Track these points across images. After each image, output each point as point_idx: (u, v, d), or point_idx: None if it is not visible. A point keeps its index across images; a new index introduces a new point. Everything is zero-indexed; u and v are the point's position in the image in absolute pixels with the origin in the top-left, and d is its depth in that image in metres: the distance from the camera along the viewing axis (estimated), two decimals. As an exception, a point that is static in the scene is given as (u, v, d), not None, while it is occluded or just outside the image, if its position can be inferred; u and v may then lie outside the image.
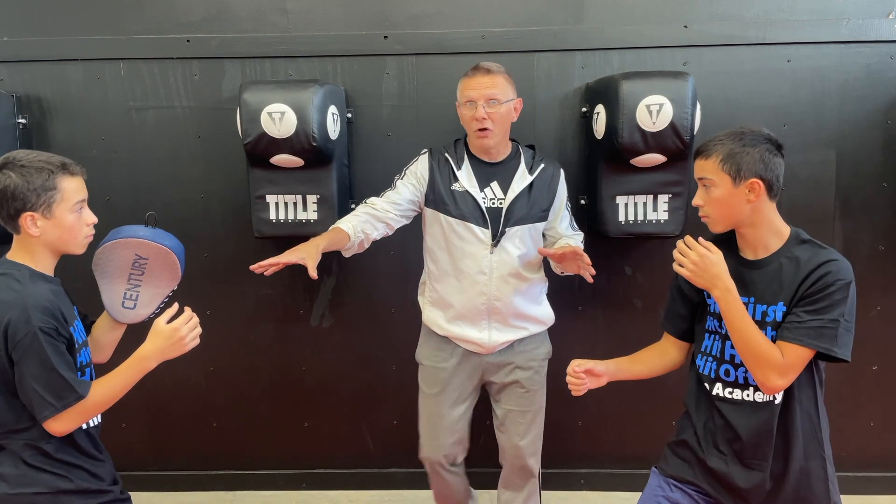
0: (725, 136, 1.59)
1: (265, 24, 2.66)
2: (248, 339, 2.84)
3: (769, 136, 1.60)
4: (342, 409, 2.90)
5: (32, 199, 1.51)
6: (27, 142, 2.71)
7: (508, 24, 2.63)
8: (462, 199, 2.13)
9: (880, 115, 2.64)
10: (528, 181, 2.14)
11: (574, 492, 2.90)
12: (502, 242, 2.11)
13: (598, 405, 2.82)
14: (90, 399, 1.53)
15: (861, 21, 2.58)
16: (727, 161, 1.56)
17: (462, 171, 2.16)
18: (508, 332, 2.18)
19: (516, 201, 2.13)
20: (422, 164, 2.21)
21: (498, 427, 2.31)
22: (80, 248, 1.63)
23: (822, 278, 1.51)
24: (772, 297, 1.58)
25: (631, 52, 2.62)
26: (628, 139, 2.32)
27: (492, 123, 2.07)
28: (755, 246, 1.63)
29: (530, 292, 2.19)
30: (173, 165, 2.73)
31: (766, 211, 1.59)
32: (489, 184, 2.15)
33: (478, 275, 2.12)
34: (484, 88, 2.06)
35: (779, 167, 1.58)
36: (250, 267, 1.91)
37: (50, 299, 1.52)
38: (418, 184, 2.19)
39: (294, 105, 2.35)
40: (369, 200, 2.21)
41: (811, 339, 1.51)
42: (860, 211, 2.69)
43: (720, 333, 1.67)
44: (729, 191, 1.56)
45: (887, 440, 2.82)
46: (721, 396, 1.66)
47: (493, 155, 2.17)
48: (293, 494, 2.93)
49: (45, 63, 2.69)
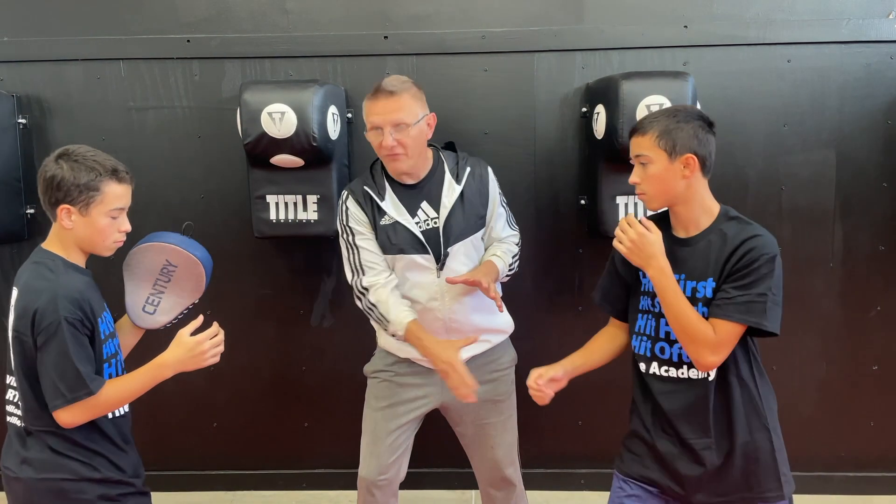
0: (660, 113, 1.63)
1: (265, 24, 2.66)
2: (248, 339, 2.84)
3: (701, 113, 1.64)
4: (342, 409, 2.89)
5: (74, 193, 1.55)
6: (27, 142, 2.71)
7: (508, 24, 2.63)
8: (394, 232, 1.99)
9: (880, 115, 2.64)
10: (457, 192, 2.01)
11: (574, 492, 2.89)
12: (448, 263, 1.99)
13: (598, 405, 2.82)
14: (101, 396, 1.55)
15: (861, 21, 2.58)
16: (663, 137, 1.59)
17: (386, 201, 2.01)
18: (471, 348, 2.03)
19: (451, 217, 2.00)
20: (354, 210, 2.04)
21: (467, 447, 2.22)
22: (106, 252, 1.66)
23: (748, 254, 1.54)
24: (701, 273, 1.60)
25: (631, 52, 2.62)
26: (628, 139, 2.32)
27: (402, 148, 1.92)
28: (687, 224, 1.66)
29: (486, 304, 2.02)
30: (173, 166, 2.73)
31: (699, 188, 1.62)
32: (419, 206, 2.01)
33: (430, 301, 2.01)
34: (388, 113, 1.89)
35: (711, 144, 1.62)
36: None
37: (80, 290, 1.56)
38: (366, 229, 2.03)
39: (294, 105, 2.35)
40: (370, 287, 2.02)
41: (741, 314, 1.53)
42: (860, 211, 2.68)
43: (653, 312, 1.69)
44: (665, 166, 1.59)
45: (887, 440, 2.82)
46: (658, 375, 1.68)
47: (413, 175, 2.02)
48: (293, 494, 2.93)
49: (45, 63, 2.69)
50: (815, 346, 2.75)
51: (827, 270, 2.70)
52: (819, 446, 2.76)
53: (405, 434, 2.16)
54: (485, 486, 2.27)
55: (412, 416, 2.14)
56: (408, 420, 2.14)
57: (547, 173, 2.72)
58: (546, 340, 2.67)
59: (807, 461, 2.63)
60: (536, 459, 2.76)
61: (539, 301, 2.76)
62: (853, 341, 2.74)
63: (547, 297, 2.76)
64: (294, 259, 2.79)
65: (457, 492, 2.88)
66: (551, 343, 2.51)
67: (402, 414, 2.13)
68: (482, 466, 2.22)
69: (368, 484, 2.16)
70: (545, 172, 2.72)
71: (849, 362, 2.76)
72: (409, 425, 2.16)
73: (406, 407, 2.13)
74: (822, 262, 2.70)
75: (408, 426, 2.15)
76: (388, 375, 2.15)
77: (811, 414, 2.77)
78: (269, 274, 2.80)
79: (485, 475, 2.23)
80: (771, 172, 2.64)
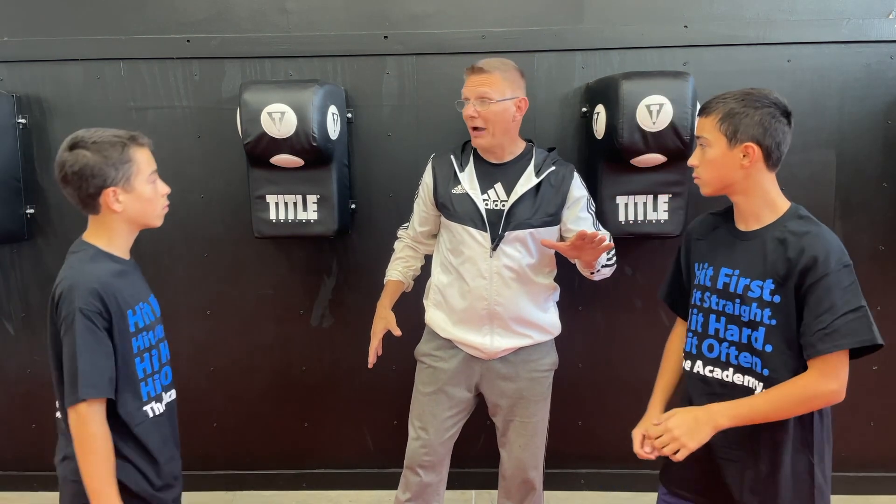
0: (730, 95, 1.50)
1: (265, 24, 2.66)
2: (248, 339, 2.84)
3: (777, 100, 1.50)
4: (342, 409, 2.90)
5: (112, 173, 1.51)
6: (27, 142, 2.71)
7: (508, 24, 2.63)
8: (461, 202, 2.08)
9: (880, 115, 2.64)
10: (533, 183, 2.06)
11: (574, 492, 2.90)
12: (502, 246, 2.04)
13: (598, 405, 2.82)
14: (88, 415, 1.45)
15: (861, 21, 2.58)
16: (725, 121, 1.48)
17: (465, 173, 2.11)
18: (511, 339, 2.11)
19: (519, 204, 2.05)
20: (427, 173, 2.21)
21: (499, 439, 2.26)
22: (158, 220, 1.64)
23: (814, 267, 1.42)
24: (757, 272, 1.50)
25: (631, 52, 2.62)
26: (628, 139, 2.32)
27: (483, 122, 2.01)
28: (747, 217, 1.56)
29: (535, 298, 2.12)
30: (173, 165, 2.73)
31: (762, 180, 1.52)
32: (493, 185, 2.09)
33: (477, 279, 2.06)
34: (476, 86, 2.01)
35: (781, 135, 1.49)
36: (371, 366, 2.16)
37: (102, 281, 1.50)
38: (427, 194, 2.19)
39: (294, 105, 2.35)
40: (401, 233, 2.31)
41: (847, 339, 1.42)
42: (860, 211, 2.68)
43: (702, 307, 1.61)
44: (723, 152, 1.49)
45: (887, 440, 2.82)
46: (701, 375, 1.59)
47: (498, 155, 2.11)
48: (293, 494, 2.93)
49: (45, 63, 2.69)
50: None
51: (827, 270, 2.70)
52: (819, 446, 2.76)
53: (452, 420, 2.21)
54: (507, 483, 2.27)
55: (457, 404, 2.20)
56: (453, 407, 2.20)
57: (547, 173, 2.72)
58: (546, 340, 2.67)
59: (807, 461, 2.63)
60: (536, 459, 2.76)
61: (539, 301, 2.76)
62: (853, 341, 2.74)
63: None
64: (294, 259, 2.79)
65: (457, 492, 2.88)
66: (551, 343, 2.51)
67: (447, 401, 2.18)
68: (508, 463, 2.25)
69: (413, 462, 2.22)
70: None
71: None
72: (456, 412, 2.21)
73: (451, 395, 2.18)
74: (822, 262, 2.70)
75: (455, 413, 2.21)
76: (431, 361, 2.21)
77: (811, 414, 2.77)
78: (269, 274, 2.80)
79: (509, 472, 2.25)
80: (771, 172, 2.64)
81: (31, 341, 2.84)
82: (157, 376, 1.63)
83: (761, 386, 1.50)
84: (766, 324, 1.49)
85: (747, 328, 1.52)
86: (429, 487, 2.24)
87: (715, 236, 1.64)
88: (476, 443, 2.75)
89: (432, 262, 2.24)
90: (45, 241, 2.78)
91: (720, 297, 1.57)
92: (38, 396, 2.81)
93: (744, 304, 1.51)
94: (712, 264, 1.60)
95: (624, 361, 2.80)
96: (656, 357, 1.85)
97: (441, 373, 2.18)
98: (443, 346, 2.19)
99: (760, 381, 1.51)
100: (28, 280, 2.81)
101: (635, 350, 2.78)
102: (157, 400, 1.62)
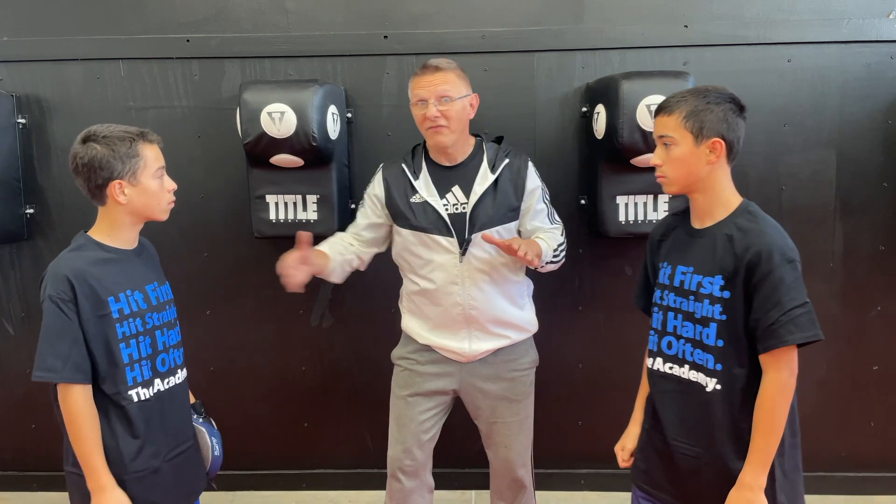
0: (688, 93, 1.54)
1: (265, 24, 2.66)
2: (248, 339, 2.84)
3: (732, 95, 1.54)
4: (342, 409, 2.90)
5: (118, 167, 1.58)
6: (27, 142, 2.71)
7: (508, 24, 2.63)
8: (422, 211, 2.04)
9: (880, 115, 2.64)
10: (490, 181, 2.03)
11: (574, 492, 2.89)
12: (470, 249, 2.01)
13: (599, 405, 2.82)
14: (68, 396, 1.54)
15: (861, 21, 2.58)
16: (690, 118, 1.51)
17: (420, 180, 2.06)
18: (489, 341, 2.08)
19: (480, 204, 2.02)
20: (376, 184, 2.15)
21: (484, 441, 2.24)
22: (163, 214, 1.70)
23: (760, 264, 1.45)
24: (708, 268, 1.54)
25: (631, 52, 2.62)
26: (628, 139, 2.32)
27: (446, 121, 1.98)
28: (703, 214, 1.60)
29: (509, 296, 2.09)
30: (173, 165, 2.71)
31: (721, 175, 1.56)
32: (450, 189, 2.05)
33: (450, 285, 2.03)
34: (434, 86, 1.97)
35: (740, 129, 1.54)
36: None
37: (76, 268, 1.56)
38: (374, 205, 2.14)
39: (294, 105, 2.35)
40: (337, 234, 2.21)
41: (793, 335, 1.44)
42: (860, 211, 2.68)
43: (662, 305, 1.64)
44: (690, 149, 1.52)
45: (887, 440, 2.82)
46: (661, 372, 1.63)
47: (451, 157, 2.07)
48: (293, 494, 2.93)
49: (45, 63, 2.69)
50: (816, 346, 2.70)
51: (827, 270, 2.70)
52: (819, 446, 2.76)
53: (431, 422, 2.18)
54: (497, 483, 2.26)
55: (434, 405, 2.17)
56: (430, 409, 2.17)
57: (547, 173, 2.68)
58: (546, 340, 2.66)
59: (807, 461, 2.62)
60: (536, 459, 2.74)
61: (539, 301, 2.75)
62: (853, 341, 2.74)
63: (547, 297, 2.75)
64: (294, 259, 2.79)
65: (457, 492, 2.88)
66: (551, 343, 2.51)
67: (425, 403, 2.16)
68: (495, 463, 2.23)
69: (394, 469, 2.19)
70: (545, 172, 2.67)
71: (849, 362, 2.76)
72: (433, 414, 2.18)
73: (427, 397, 2.16)
74: (823, 262, 2.70)
75: (433, 415, 2.18)
76: (408, 364, 2.18)
77: (811, 414, 2.76)
78: (269, 274, 2.78)
79: (498, 472, 2.24)
80: (771, 172, 2.64)
81: (31, 341, 2.82)
82: (145, 362, 1.65)
83: (713, 382, 1.53)
84: (717, 319, 1.53)
85: (699, 324, 1.56)
86: (413, 494, 2.20)
87: (674, 236, 1.69)
88: (475, 443, 2.74)
89: (400, 270, 2.20)
90: (45, 240, 2.78)
91: (677, 295, 1.61)
92: (37, 396, 2.81)
93: (697, 301, 1.55)
94: (671, 263, 1.64)
95: (624, 361, 2.79)
96: (656, 357, 1.85)
97: (417, 375, 2.15)
98: (420, 349, 2.15)
99: (712, 377, 1.54)
100: (28, 280, 2.81)
101: (635, 350, 2.76)
102: (146, 385, 1.65)
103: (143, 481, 1.63)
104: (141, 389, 1.64)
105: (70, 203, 2.74)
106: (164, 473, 1.67)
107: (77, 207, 2.72)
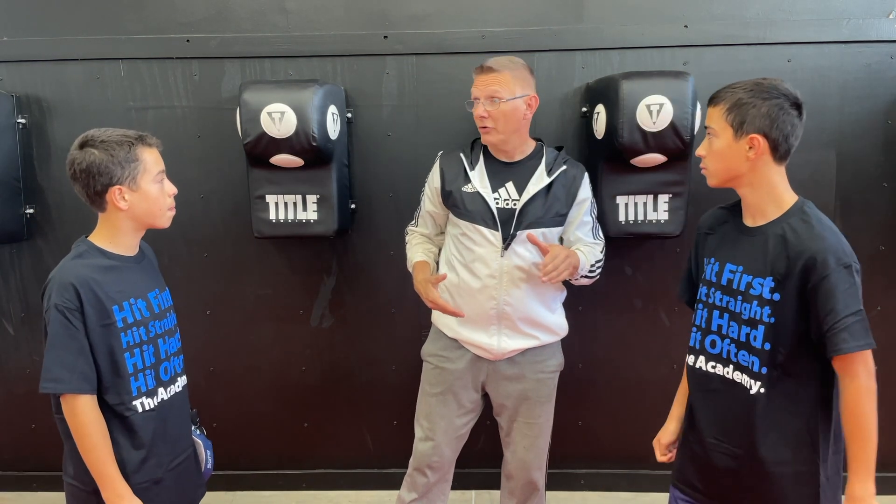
0: (741, 85, 1.48)
1: (265, 24, 2.66)
2: (248, 339, 2.84)
3: (787, 91, 1.46)
4: (342, 409, 2.90)
5: (118, 172, 1.54)
6: (26, 142, 2.71)
7: (508, 24, 2.63)
8: (472, 201, 2.07)
9: (880, 115, 2.64)
10: (545, 183, 2.06)
11: (574, 492, 2.90)
12: (513, 246, 2.04)
13: (599, 405, 2.82)
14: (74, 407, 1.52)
15: (861, 21, 2.58)
16: (732, 111, 1.46)
17: (475, 171, 2.10)
18: (518, 340, 2.11)
19: (531, 203, 2.05)
20: (434, 172, 2.21)
21: (503, 439, 2.27)
22: (165, 221, 1.66)
23: (814, 269, 1.41)
24: (758, 269, 1.49)
25: (631, 52, 2.62)
26: (628, 139, 2.32)
27: (493, 121, 2.02)
28: (753, 211, 1.54)
29: (543, 298, 2.12)
30: (173, 165, 2.71)
31: (769, 173, 1.49)
32: (504, 184, 2.09)
33: (488, 278, 2.05)
34: (485, 86, 2.02)
35: (790, 127, 1.45)
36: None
37: (81, 276, 1.53)
38: (433, 193, 2.20)
39: (294, 105, 2.35)
40: (410, 229, 2.30)
41: (859, 342, 1.41)
42: (860, 211, 2.68)
43: (706, 302, 1.60)
44: (729, 143, 1.47)
45: (887, 440, 2.80)
46: (703, 371, 1.60)
47: (509, 154, 2.11)
48: (293, 494, 2.93)
49: (45, 63, 2.69)
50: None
51: (827, 270, 2.70)
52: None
53: (463, 421, 2.21)
54: (510, 483, 2.28)
55: (470, 409, 2.20)
56: (466, 413, 2.21)
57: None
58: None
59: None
60: (536, 459, 2.76)
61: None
62: (853, 341, 2.74)
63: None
64: (294, 259, 2.79)
65: (457, 492, 2.87)
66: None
67: (456, 404, 2.18)
68: (512, 463, 2.24)
69: (422, 464, 2.22)
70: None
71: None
72: (468, 420, 2.22)
73: (458, 397, 2.18)
74: (823, 262, 2.70)
75: (468, 420, 2.22)
76: (438, 361, 2.20)
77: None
78: (269, 274, 2.80)
79: (512, 472, 2.25)
80: (771, 172, 2.64)
81: (31, 341, 2.84)
82: (149, 372, 1.63)
83: (758, 385, 1.50)
84: (766, 322, 1.49)
85: (746, 326, 1.52)
86: (435, 487, 2.25)
87: (723, 231, 1.63)
88: (476, 443, 2.74)
89: (439, 261, 2.24)
90: (45, 241, 2.78)
91: (724, 294, 1.57)
92: (37, 396, 2.79)
93: (745, 302, 1.51)
94: (718, 260, 1.60)
95: (624, 361, 2.80)
96: (656, 357, 1.86)
97: (448, 373, 2.17)
98: (449, 345, 2.18)
99: (757, 380, 1.51)
100: (27, 280, 2.81)
101: (635, 350, 2.78)
102: (149, 395, 1.63)
103: (147, 492, 1.61)
104: (145, 399, 1.62)
105: (70, 203, 2.74)
106: (166, 483, 1.66)
107: (77, 208, 2.72)
